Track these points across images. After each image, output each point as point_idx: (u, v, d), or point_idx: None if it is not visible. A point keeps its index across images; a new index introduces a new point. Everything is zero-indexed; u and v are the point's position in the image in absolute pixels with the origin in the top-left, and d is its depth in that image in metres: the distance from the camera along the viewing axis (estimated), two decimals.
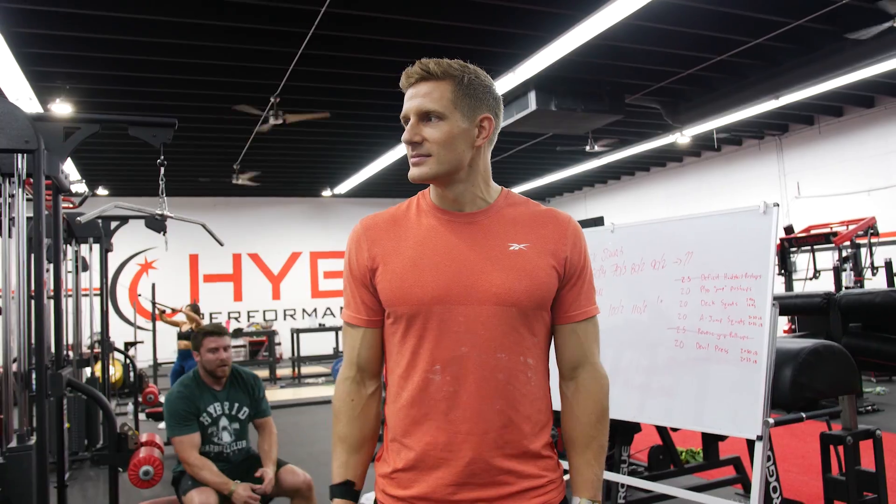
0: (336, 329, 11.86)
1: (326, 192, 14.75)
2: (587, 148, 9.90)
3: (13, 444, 2.70)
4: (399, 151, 10.31)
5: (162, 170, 3.99)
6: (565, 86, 7.45)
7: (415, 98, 1.30)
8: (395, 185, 13.73)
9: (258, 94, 7.42)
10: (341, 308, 1.47)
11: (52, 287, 4.10)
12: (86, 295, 6.76)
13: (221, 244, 5.72)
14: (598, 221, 14.38)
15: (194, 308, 9.10)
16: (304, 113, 7.67)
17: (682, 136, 10.14)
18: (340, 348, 12.60)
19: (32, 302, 2.82)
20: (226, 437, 3.35)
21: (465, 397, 1.28)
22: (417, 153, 1.30)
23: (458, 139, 1.29)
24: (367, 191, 14.13)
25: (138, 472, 3.28)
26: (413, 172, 1.32)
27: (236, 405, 3.40)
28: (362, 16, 5.90)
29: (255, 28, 6.06)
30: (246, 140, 9.42)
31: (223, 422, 3.35)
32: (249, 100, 7.51)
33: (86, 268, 6.84)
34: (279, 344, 13.88)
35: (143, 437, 3.49)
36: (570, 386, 1.40)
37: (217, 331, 3.40)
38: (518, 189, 13.42)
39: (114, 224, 6.12)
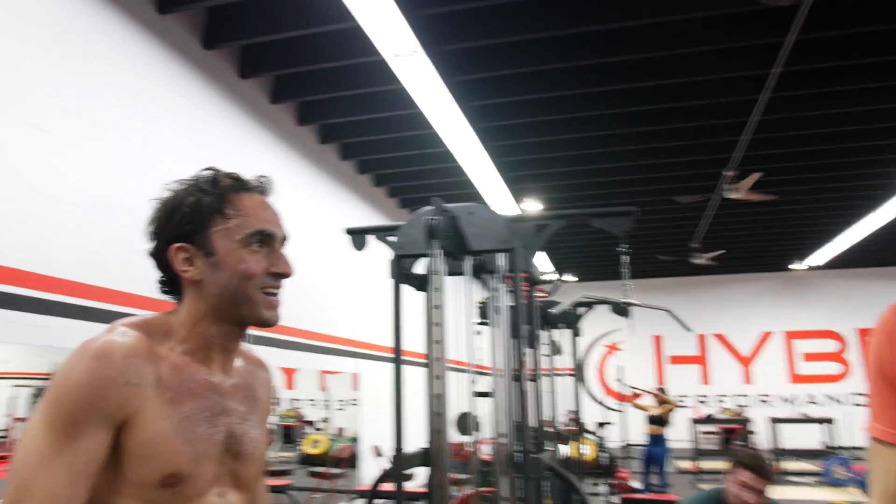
0: (823, 421, 10.42)
1: (797, 265, 13.41)
2: None
3: None
4: (886, 214, 8.90)
5: (625, 258, 4.09)
6: None
7: None
8: (880, 251, 11.78)
9: (710, 171, 7.22)
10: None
11: (531, 369, 4.47)
12: (559, 375, 7.26)
13: (689, 330, 5.59)
14: None
15: (661, 391, 9.02)
16: (754, 191, 7.15)
17: None
18: (829, 443, 11.01)
19: (516, 384, 3.08)
20: None
21: None
22: None
23: None
24: (849, 261, 12.40)
25: None
26: None
27: None
28: (824, 68, 5.32)
29: (702, 104, 6.00)
30: (702, 216, 9.21)
31: None
32: (701, 177, 7.38)
33: (558, 351, 7.37)
34: (754, 433, 12.80)
35: None
36: None
37: (760, 469, 2.95)
38: None
39: (581, 310, 6.49)
